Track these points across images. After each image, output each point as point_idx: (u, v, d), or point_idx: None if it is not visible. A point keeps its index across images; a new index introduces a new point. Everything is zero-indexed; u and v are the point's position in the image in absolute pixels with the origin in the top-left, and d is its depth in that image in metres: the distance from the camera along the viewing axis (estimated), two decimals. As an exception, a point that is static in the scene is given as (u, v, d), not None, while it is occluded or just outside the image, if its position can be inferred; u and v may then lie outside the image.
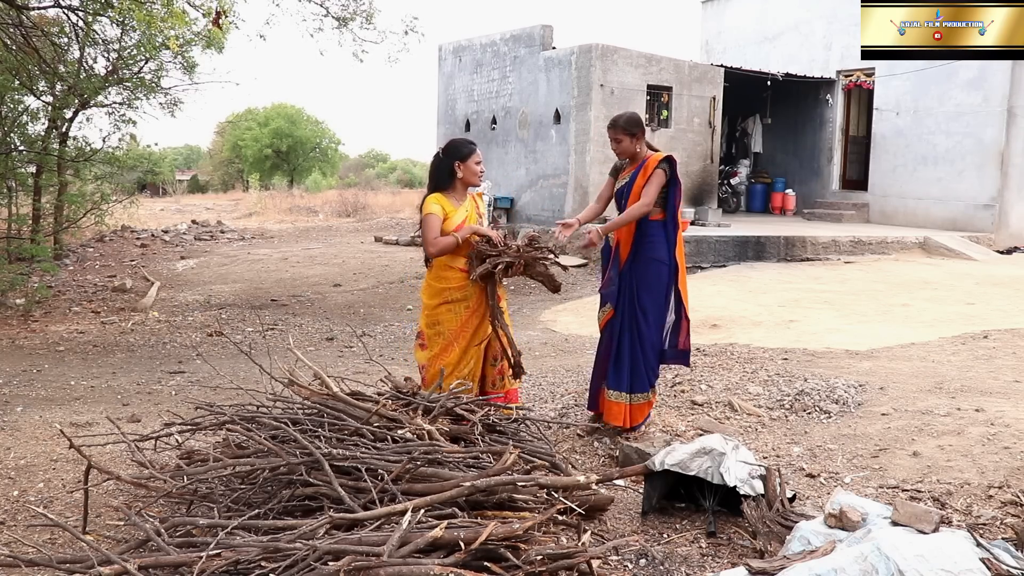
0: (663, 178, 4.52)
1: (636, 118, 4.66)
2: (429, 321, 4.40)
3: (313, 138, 41.89)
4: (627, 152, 4.62)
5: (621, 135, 4.59)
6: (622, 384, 4.59)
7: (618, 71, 13.61)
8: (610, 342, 4.66)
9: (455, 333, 4.34)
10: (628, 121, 4.61)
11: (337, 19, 11.14)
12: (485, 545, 2.61)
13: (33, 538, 3.35)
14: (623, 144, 4.60)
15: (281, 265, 14.81)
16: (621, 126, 4.59)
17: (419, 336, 4.48)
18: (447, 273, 4.33)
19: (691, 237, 11.89)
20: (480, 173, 4.40)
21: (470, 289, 4.30)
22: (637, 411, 4.62)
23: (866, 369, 5.98)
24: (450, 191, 4.35)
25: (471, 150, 4.37)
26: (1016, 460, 3.94)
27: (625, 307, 4.60)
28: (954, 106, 14.61)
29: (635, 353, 4.58)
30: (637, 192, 4.54)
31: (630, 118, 4.64)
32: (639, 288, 4.57)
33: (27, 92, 12.95)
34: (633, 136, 4.58)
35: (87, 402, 6.15)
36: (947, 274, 11.01)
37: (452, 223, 4.27)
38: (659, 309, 4.60)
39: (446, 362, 4.30)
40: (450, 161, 4.32)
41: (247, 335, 9.12)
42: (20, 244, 12.61)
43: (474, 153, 4.37)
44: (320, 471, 3.14)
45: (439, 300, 4.35)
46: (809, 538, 2.94)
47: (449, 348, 4.34)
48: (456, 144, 4.42)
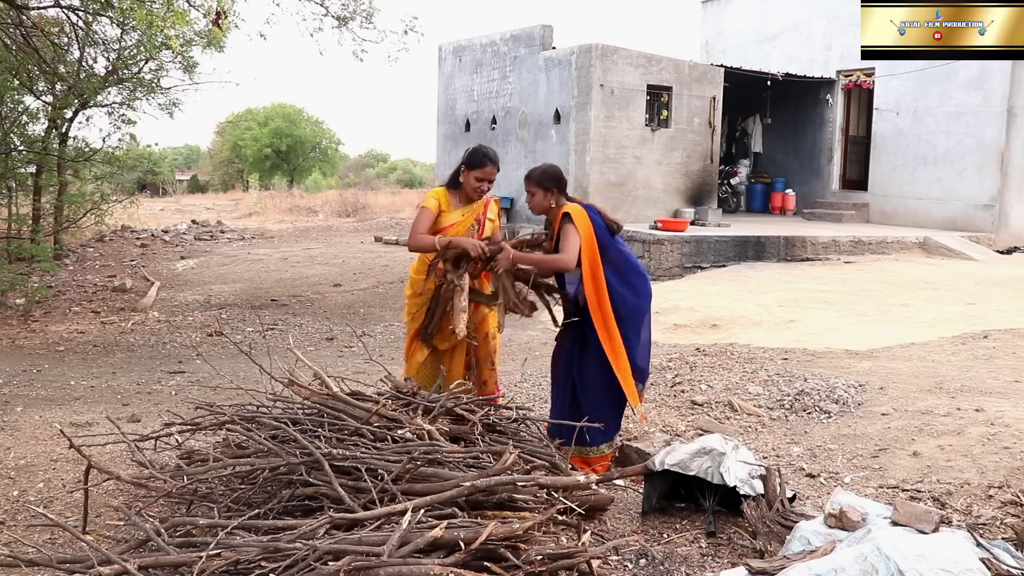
0: (575, 233, 3.97)
1: (553, 172, 4.16)
2: (408, 313, 4.50)
3: (313, 138, 41.86)
4: (540, 207, 4.15)
5: (534, 188, 4.14)
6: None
7: (618, 71, 13.61)
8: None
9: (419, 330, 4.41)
10: (542, 175, 4.14)
11: (337, 18, 11.13)
12: (485, 545, 2.61)
13: (33, 538, 3.35)
14: (535, 198, 4.15)
15: (281, 265, 14.81)
16: (534, 179, 4.14)
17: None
18: (423, 267, 4.35)
19: (691, 237, 11.89)
20: (477, 189, 4.25)
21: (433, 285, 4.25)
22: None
23: (866, 369, 5.98)
24: (455, 191, 4.34)
25: (480, 163, 4.22)
26: (1016, 460, 3.94)
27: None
28: (954, 106, 14.61)
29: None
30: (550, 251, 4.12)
31: (545, 171, 4.16)
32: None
33: (27, 92, 12.95)
34: (547, 191, 4.12)
35: (87, 402, 6.15)
36: (947, 274, 11.01)
37: (444, 221, 4.24)
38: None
39: (411, 364, 4.43)
40: (460, 164, 4.32)
41: (247, 335, 9.11)
42: (20, 244, 12.62)
43: (483, 168, 4.21)
44: (320, 471, 3.14)
45: (412, 291, 4.44)
46: (809, 538, 2.94)
47: (414, 345, 4.43)
48: (476, 152, 4.29)
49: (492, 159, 4.25)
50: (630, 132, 13.75)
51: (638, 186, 13.67)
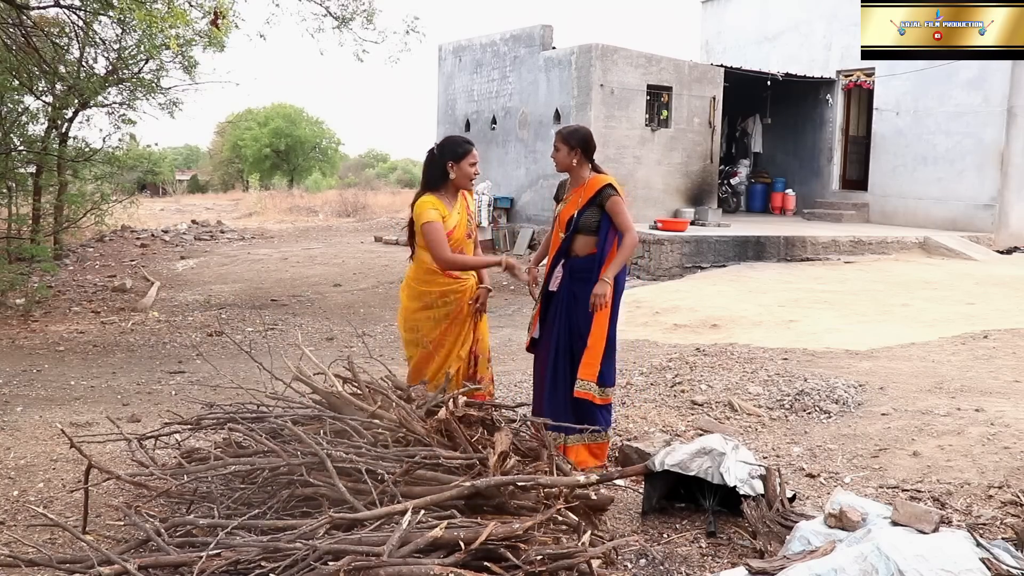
0: (623, 203, 4.19)
1: (582, 132, 4.29)
2: (408, 324, 4.24)
3: (313, 138, 41.86)
4: (563, 163, 4.26)
5: (560, 143, 4.25)
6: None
7: (618, 71, 13.61)
8: None
9: (436, 343, 4.18)
10: (570, 133, 4.27)
11: (337, 19, 11.13)
12: (485, 545, 2.61)
13: (33, 538, 3.35)
14: (559, 154, 4.25)
15: (281, 265, 14.81)
16: (562, 135, 4.26)
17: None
18: (431, 277, 4.16)
19: (691, 237, 11.89)
20: (474, 176, 4.20)
21: (452, 296, 4.15)
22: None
23: (866, 369, 5.98)
24: (442, 192, 4.17)
25: (466, 150, 4.16)
26: (1016, 460, 3.94)
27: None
28: (954, 106, 14.60)
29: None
30: (566, 216, 4.26)
31: (574, 130, 4.30)
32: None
33: (27, 92, 12.95)
34: (571, 149, 4.22)
35: (87, 402, 6.15)
36: (947, 274, 11.01)
37: (446, 227, 4.11)
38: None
39: (429, 373, 4.15)
40: (444, 160, 4.14)
41: (247, 335, 9.12)
42: (20, 244, 12.62)
43: (469, 153, 4.16)
44: (320, 471, 3.14)
45: (419, 304, 4.19)
46: (809, 538, 2.94)
47: (430, 359, 4.18)
48: (451, 142, 4.21)
49: (470, 141, 4.26)
50: (630, 132, 13.75)
51: (638, 186, 13.67)
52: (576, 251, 4.26)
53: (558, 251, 4.31)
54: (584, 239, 4.22)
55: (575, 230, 4.22)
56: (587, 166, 4.28)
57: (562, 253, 4.30)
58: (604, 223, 4.18)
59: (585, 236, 4.22)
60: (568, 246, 4.27)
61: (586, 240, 4.22)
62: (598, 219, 4.18)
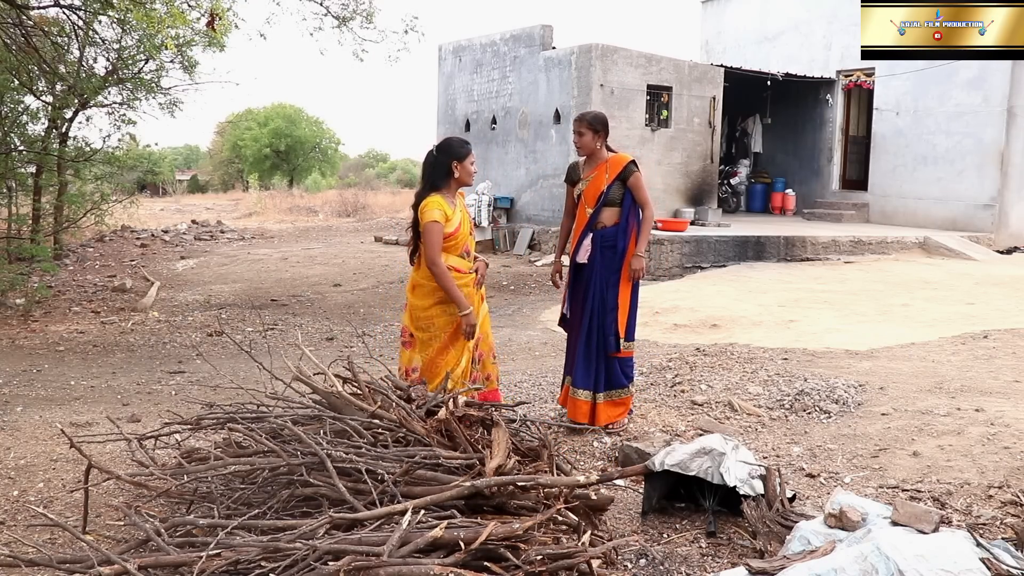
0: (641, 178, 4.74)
1: (603, 117, 4.76)
2: (421, 324, 4.34)
3: (313, 138, 41.85)
4: (588, 147, 4.72)
5: (585, 128, 4.68)
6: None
7: (618, 71, 13.62)
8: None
9: (452, 335, 4.30)
10: (595, 118, 4.71)
11: (337, 18, 11.13)
12: (485, 545, 2.61)
13: (33, 538, 3.35)
14: (584, 138, 4.69)
15: (281, 265, 14.80)
16: (587, 120, 4.69)
17: (403, 334, 4.44)
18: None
19: (691, 237, 11.90)
20: (472, 173, 4.41)
21: (463, 290, 4.29)
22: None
23: (866, 369, 5.98)
24: (445, 191, 4.33)
25: (468, 150, 4.37)
26: (1016, 460, 3.94)
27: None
28: (954, 106, 14.61)
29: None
30: (594, 192, 4.72)
31: (597, 115, 4.75)
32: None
33: (27, 92, 12.94)
34: (596, 133, 4.69)
35: (87, 402, 6.15)
36: (947, 274, 11.01)
37: (451, 226, 4.28)
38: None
39: (447, 363, 4.26)
40: (447, 160, 4.30)
41: (247, 335, 9.12)
42: (20, 244, 12.60)
43: (470, 154, 4.39)
44: (320, 471, 3.14)
45: (432, 300, 4.31)
46: (809, 538, 2.94)
47: (446, 349, 4.30)
48: (453, 143, 4.39)
49: (467, 141, 4.54)
50: (630, 132, 13.75)
51: (638, 186, 13.66)
52: (603, 222, 4.74)
53: (586, 225, 4.77)
54: (610, 211, 4.72)
55: (604, 203, 4.70)
56: (604, 147, 4.77)
57: (590, 227, 4.76)
58: (627, 196, 4.71)
59: (610, 208, 4.72)
60: (595, 219, 4.73)
61: (611, 211, 4.72)
62: (622, 193, 4.71)
